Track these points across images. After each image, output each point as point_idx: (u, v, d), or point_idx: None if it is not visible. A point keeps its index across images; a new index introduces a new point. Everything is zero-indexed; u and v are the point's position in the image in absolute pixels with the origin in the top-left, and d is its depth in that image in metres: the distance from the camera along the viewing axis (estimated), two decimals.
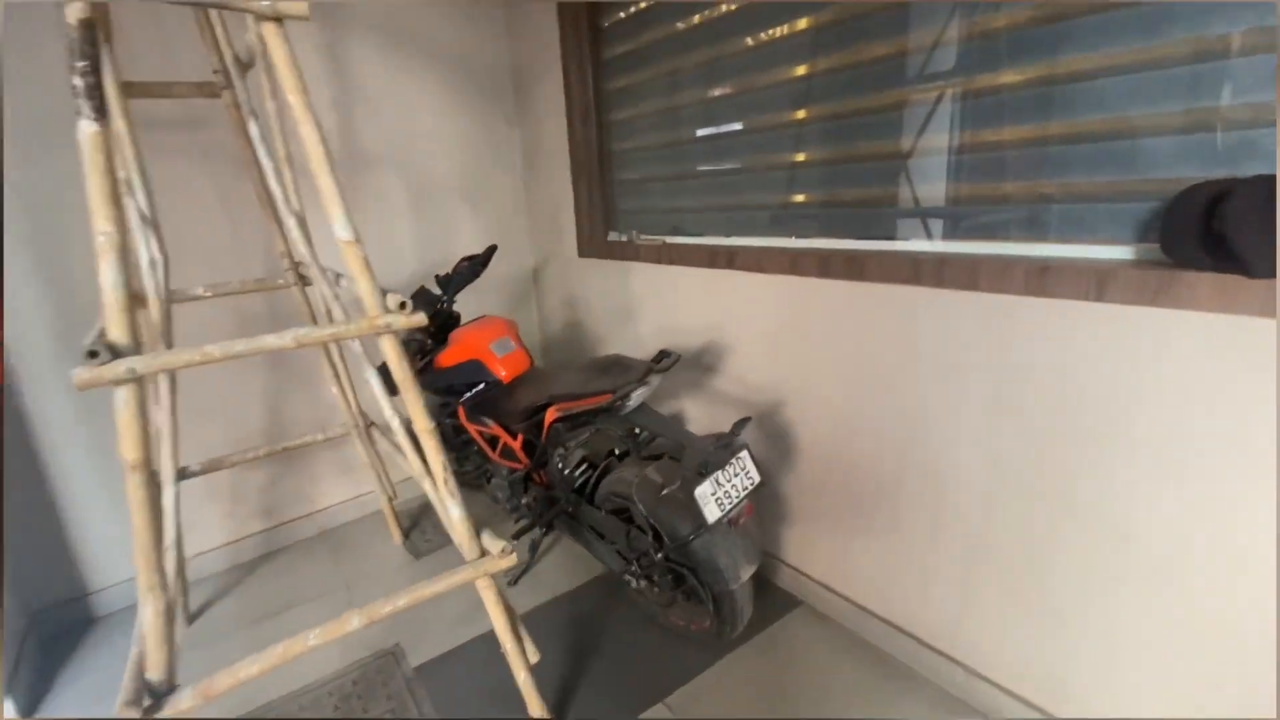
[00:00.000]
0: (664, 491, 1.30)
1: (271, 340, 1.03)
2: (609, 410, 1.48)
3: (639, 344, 2.29)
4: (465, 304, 2.61)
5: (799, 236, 1.69)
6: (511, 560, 1.31)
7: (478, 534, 1.33)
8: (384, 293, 1.19)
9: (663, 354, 1.61)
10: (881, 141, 1.44)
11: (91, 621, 2.01)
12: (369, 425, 2.10)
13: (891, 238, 1.48)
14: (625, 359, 1.69)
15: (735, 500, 1.37)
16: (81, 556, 1.99)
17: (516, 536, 1.90)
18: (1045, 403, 1.22)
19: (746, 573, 1.44)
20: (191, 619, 1.97)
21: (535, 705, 1.44)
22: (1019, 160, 1.24)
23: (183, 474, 1.83)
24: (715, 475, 1.35)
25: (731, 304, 1.84)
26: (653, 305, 2.18)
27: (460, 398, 1.97)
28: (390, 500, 2.25)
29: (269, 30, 1.01)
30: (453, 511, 1.28)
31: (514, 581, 2.04)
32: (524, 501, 1.96)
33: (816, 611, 1.81)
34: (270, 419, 2.26)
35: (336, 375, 2.01)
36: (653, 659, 1.68)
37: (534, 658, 1.42)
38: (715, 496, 1.33)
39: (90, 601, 2.01)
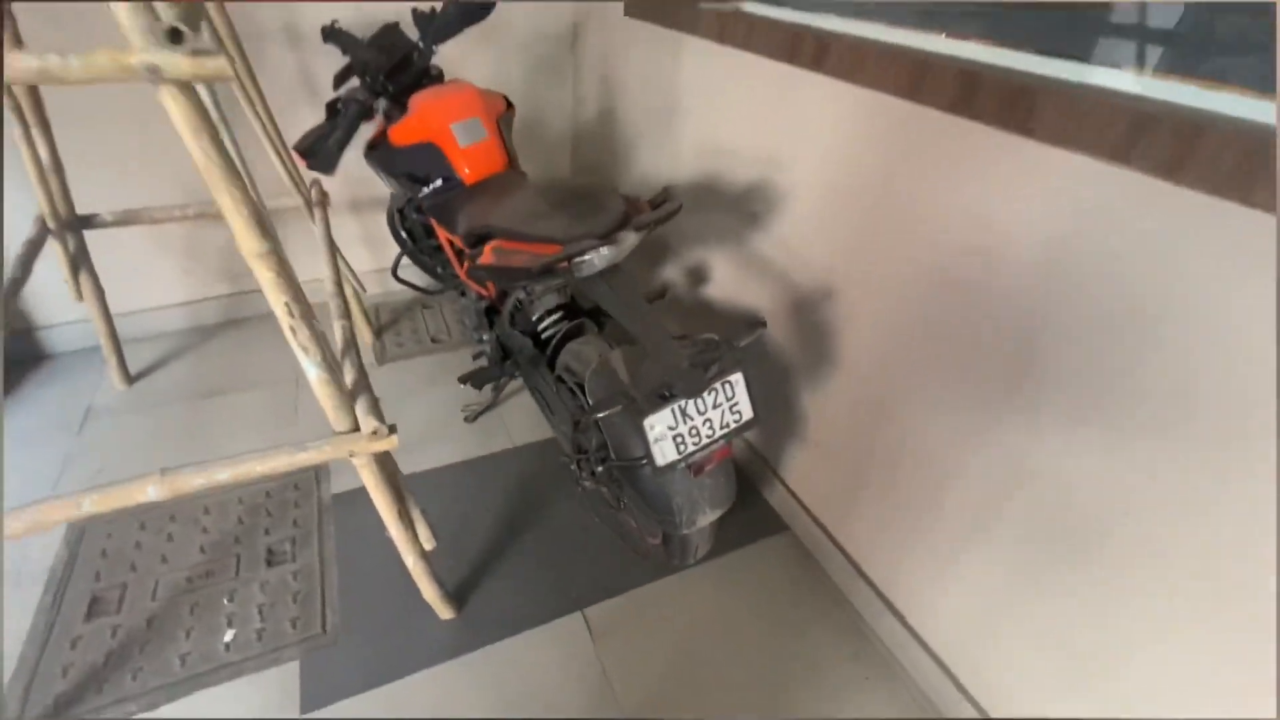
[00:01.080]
0: (603, 413, 0.88)
1: None
2: (554, 271, 0.97)
3: (676, 160, 1.70)
4: (474, 64, 2.01)
5: (938, 32, 1.00)
6: (388, 444, 0.98)
7: (352, 402, 0.98)
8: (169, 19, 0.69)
9: (664, 194, 1.07)
10: None
11: (42, 358, 1.91)
12: (321, 200, 1.69)
13: (1090, 60, 0.81)
14: (603, 194, 1.11)
15: (705, 442, 0.93)
16: (29, 288, 1.82)
17: (465, 379, 1.57)
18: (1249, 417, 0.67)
19: (705, 520, 1.07)
20: (133, 379, 1.83)
21: (428, 590, 1.22)
22: None
23: (87, 222, 1.53)
24: (681, 404, 0.91)
25: (804, 128, 1.22)
26: (703, 106, 1.54)
27: (420, 190, 1.49)
28: (356, 294, 1.94)
29: None
30: (310, 372, 0.92)
31: (472, 419, 1.78)
32: (485, 337, 1.60)
33: (801, 545, 1.48)
34: None
35: (268, 134, 1.55)
36: (590, 555, 1.43)
37: (428, 544, 1.18)
38: (675, 434, 0.91)
39: (40, 336, 1.90)
